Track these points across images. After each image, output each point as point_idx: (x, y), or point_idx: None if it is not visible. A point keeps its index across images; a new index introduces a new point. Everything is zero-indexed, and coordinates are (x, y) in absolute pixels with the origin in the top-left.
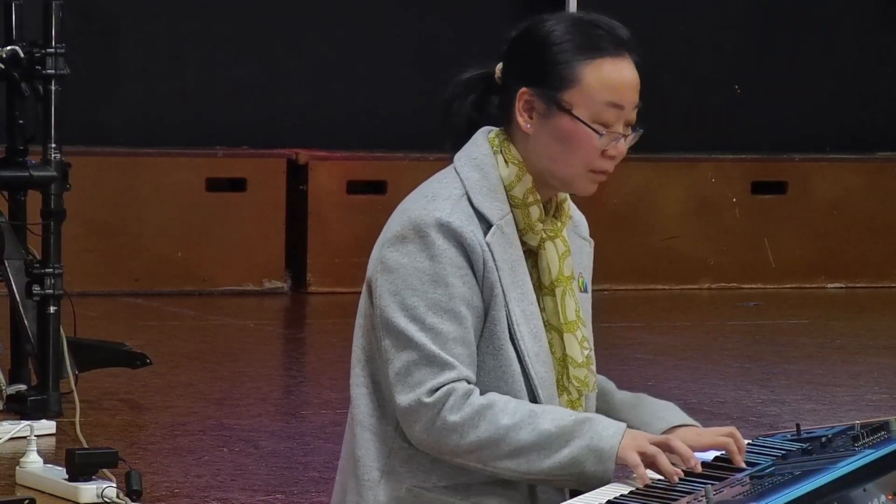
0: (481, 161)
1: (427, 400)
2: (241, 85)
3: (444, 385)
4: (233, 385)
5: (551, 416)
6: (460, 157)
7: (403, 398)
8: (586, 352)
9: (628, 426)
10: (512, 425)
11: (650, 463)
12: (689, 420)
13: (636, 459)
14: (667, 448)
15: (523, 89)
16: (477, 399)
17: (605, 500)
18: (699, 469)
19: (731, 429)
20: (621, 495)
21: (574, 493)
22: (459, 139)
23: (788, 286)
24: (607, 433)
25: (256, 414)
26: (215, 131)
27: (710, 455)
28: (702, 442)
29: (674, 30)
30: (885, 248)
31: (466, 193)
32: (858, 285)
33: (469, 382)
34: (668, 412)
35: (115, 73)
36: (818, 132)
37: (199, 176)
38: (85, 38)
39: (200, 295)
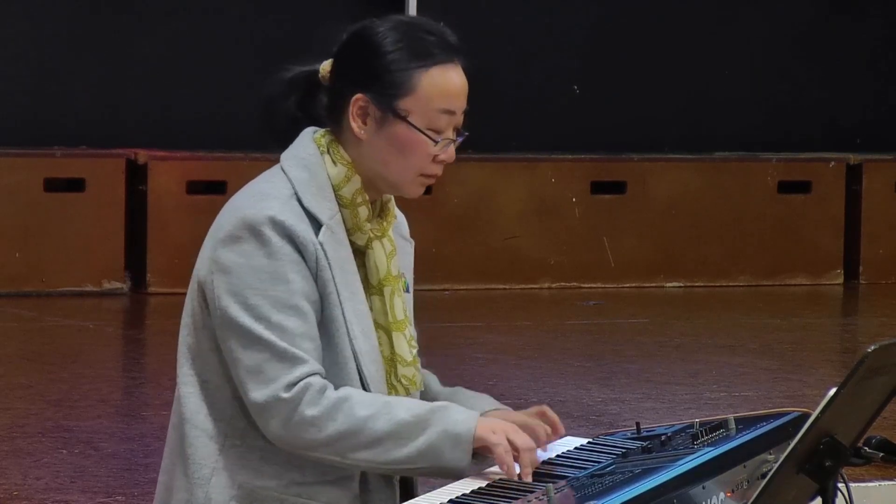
0: (308, 161)
1: (285, 395)
2: (80, 84)
3: (300, 380)
4: (72, 386)
5: (406, 405)
6: (287, 156)
7: (258, 394)
8: (414, 350)
9: None
10: (368, 416)
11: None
12: (502, 407)
13: (495, 438)
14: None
15: (358, 95)
16: (333, 393)
17: (446, 500)
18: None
19: (543, 407)
20: (462, 495)
21: (403, 489)
22: (284, 138)
23: (628, 285)
24: (461, 417)
25: (96, 415)
26: (53, 131)
27: (552, 453)
28: (510, 419)
29: (513, 30)
30: (722, 248)
31: (295, 193)
32: (696, 284)
33: (322, 376)
34: (479, 401)
35: None
36: (656, 132)
37: (37, 176)
38: None
39: (39, 296)
